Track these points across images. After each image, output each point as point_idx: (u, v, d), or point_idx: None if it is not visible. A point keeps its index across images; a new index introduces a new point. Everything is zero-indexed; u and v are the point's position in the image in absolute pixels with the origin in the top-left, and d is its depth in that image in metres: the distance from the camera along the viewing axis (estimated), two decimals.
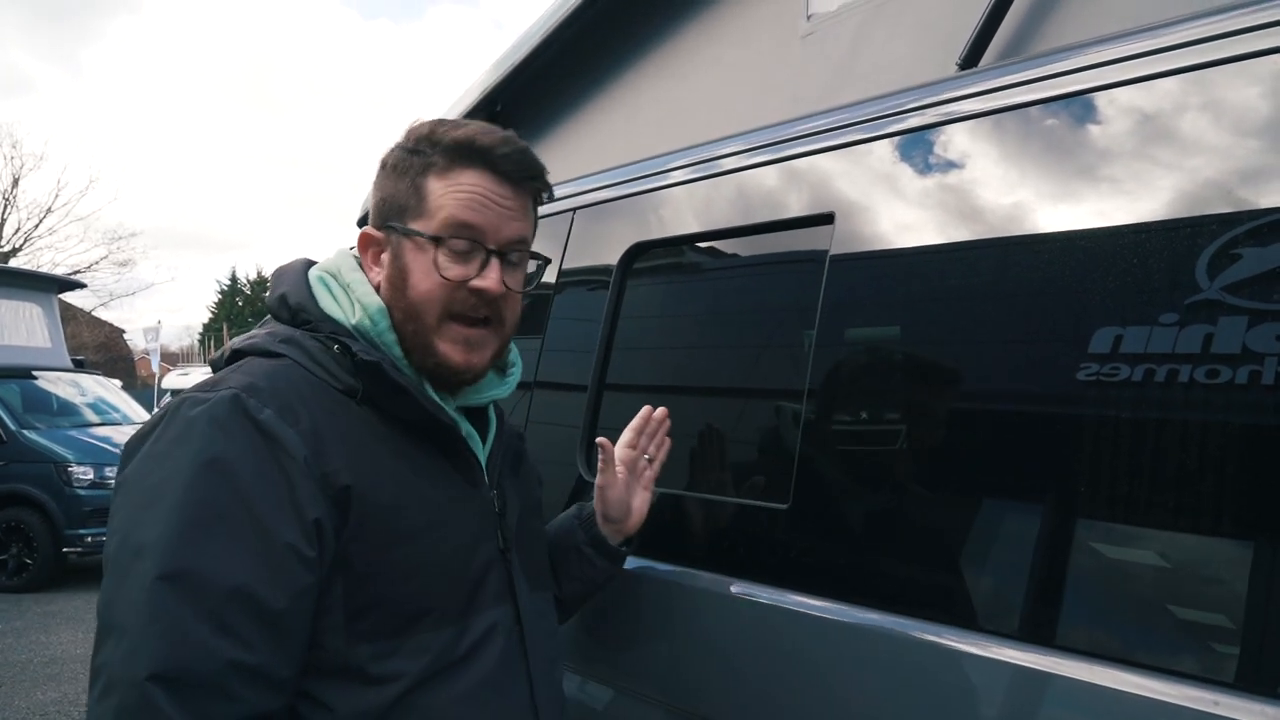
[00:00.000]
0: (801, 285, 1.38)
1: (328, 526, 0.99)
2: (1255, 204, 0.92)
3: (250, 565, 0.94)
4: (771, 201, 1.50)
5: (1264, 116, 0.94)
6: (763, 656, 1.30)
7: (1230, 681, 0.87)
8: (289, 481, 0.98)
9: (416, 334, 1.12)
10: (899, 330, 1.28)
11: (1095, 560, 1.00)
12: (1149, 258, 0.99)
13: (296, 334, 1.12)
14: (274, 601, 0.94)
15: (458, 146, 1.12)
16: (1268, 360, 0.88)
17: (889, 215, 1.29)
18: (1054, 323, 1.07)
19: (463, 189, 1.11)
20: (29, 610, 7.05)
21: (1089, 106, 1.10)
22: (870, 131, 1.35)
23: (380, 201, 1.16)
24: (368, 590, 1.02)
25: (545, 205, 1.25)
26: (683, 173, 1.68)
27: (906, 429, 1.22)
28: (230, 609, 0.92)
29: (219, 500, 0.95)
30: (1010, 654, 1.02)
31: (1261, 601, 0.86)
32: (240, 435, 0.98)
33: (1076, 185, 1.09)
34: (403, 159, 1.15)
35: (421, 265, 1.11)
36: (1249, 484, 0.90)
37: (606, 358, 1.75)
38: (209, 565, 0.93)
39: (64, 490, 7.81)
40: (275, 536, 0.96)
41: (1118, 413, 0.98)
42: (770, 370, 1.52)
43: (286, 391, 1.04)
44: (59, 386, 9.33)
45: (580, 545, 1.41)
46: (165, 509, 0.94)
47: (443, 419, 1.12)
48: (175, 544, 0.93)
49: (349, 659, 1.01)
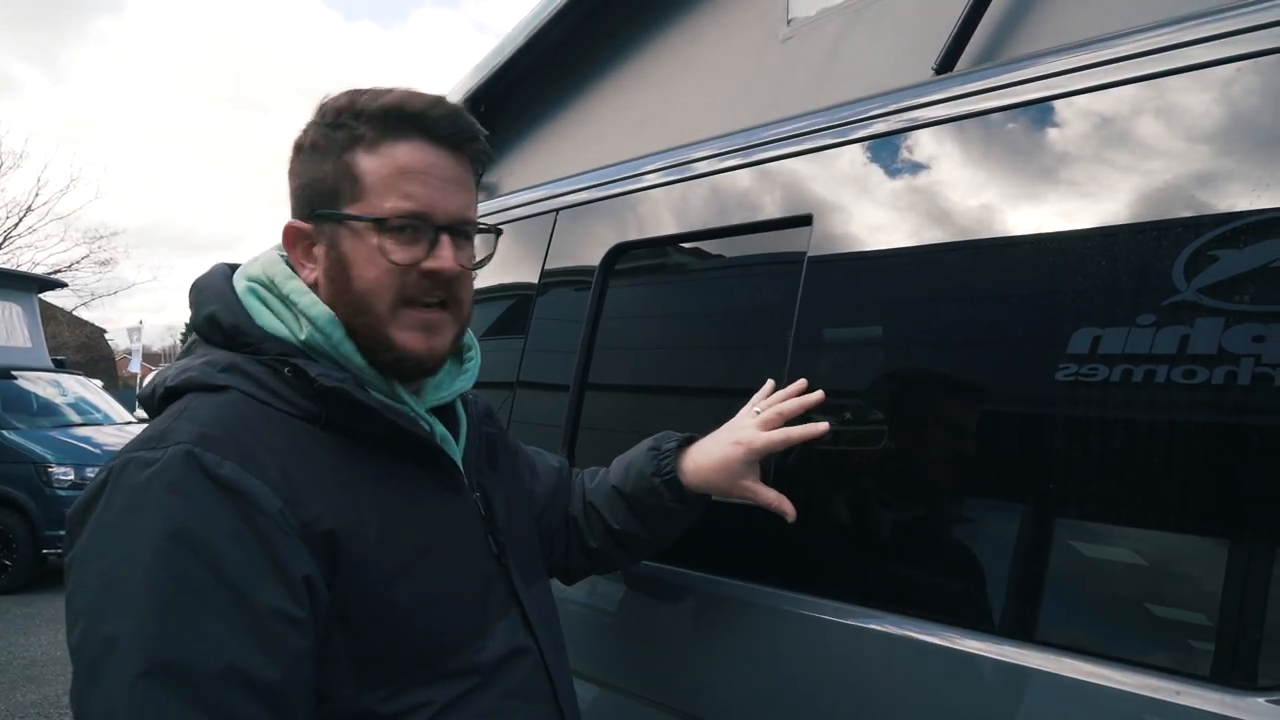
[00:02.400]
0: (780, 286, 1.40)
1: (317, 581, 0.90)
2: (1231, 207, 0.93)
3: (238, 641, 0.84)
4: (750, 203, 1.51)
5: (1240, 120, 0.95)
6: (731, 649, 1.31)
7: (1206, 675, 0.88)
8: (266, 541, 0.87)
9: (368, 327, 1.00)
10: (878, 331, 1.29)
11: (1073, 558, 1.02)
12: (1127, 260, 1.00)
13: (238, 359, 0.99)
14: (268, 673, 0.85)
15: (386, 114, 0.99)
16: (1243, 361, 0.89)
17: (866, 217, 1.31)
18: (1033, 324, 1.08)
19: (399, 162, 0.99)
20: (8, 612, 6.98)
21: (1064, 111, 1.11)
22: (848, 135, 1.36)
23: (302, 188, 1.03)
24: (372, 635, 0.94)
25: (531, 207, 1.21)
26: (664, 174, 1.69)
27: (884, 428, 1.24)
28: (223, 692, 0.83)
29: (191, 577, 0.84)
30: (995, 650, 1.03)
31: (1236, 597, 0.87)
32: (202, 498, 0.87)
33: (1054, 188, 1.10)
34: (324, 136, 1.01)
35: (364, 252, 0.99)
36: (1225, 483, 0.91)
37: (589, 358, 1.76)
38: (193, 651, 0.83)
39: (44, 491, 7.74)
40: (260, 605, 0.86)
41: (1096, 413, 0.99)
42: (750, 370, 1.54)
43: (243, 435, 0.92)
44: (39, 386, 9.25)
45: (666, 504, 1.28)
46: (132, 595, 0.83)
47: (418, 433, 1.03)
48: (152, 634, 0.82)
49: (361, 705, 0.93)
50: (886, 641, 1.13)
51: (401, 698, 0.95)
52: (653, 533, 1.33)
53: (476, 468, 1.16)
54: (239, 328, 1.01)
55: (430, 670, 0.97)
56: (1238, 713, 0.84)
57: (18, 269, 14.88)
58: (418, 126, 1.00)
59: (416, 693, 0.96)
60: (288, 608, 0.87)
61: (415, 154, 1.00)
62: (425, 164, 1.00)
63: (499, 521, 1.13)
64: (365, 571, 0.94)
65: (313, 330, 1.01)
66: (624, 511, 1.32)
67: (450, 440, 1.12)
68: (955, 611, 1.09)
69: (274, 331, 1.01)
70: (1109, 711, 0.92)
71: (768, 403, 1.28)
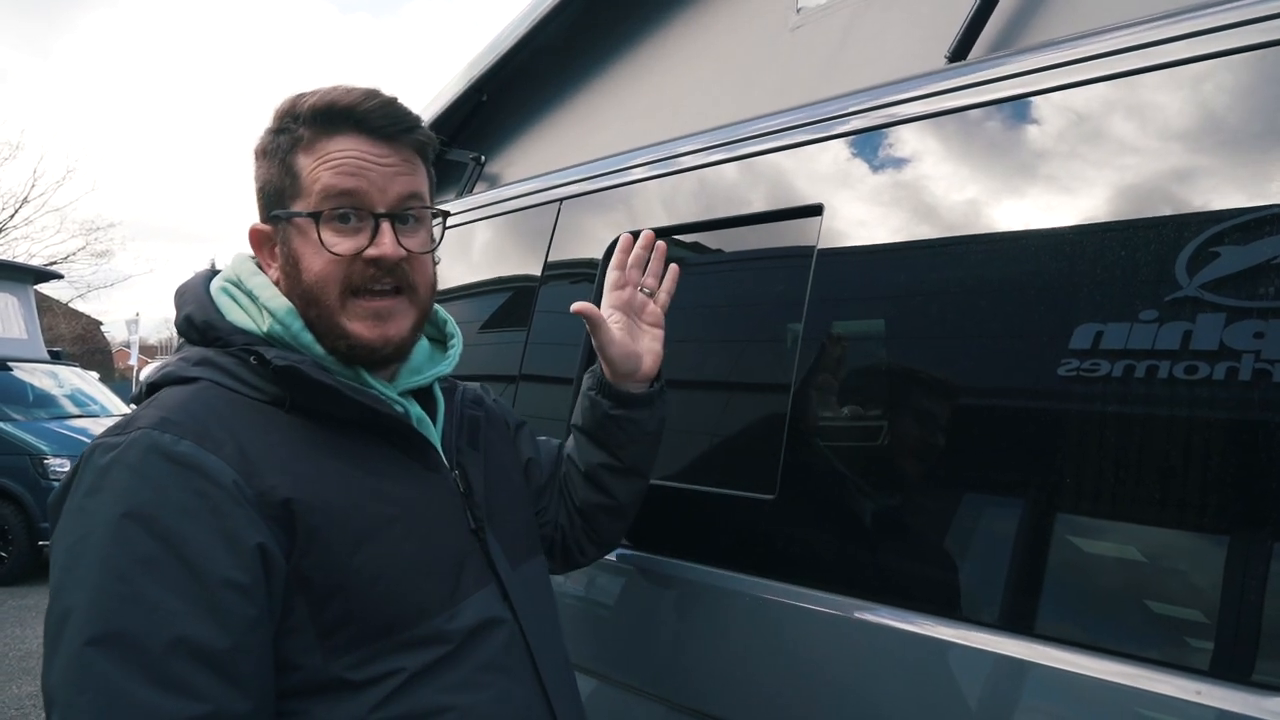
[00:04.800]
0: (789, 276, 1.38)
1: (272, 548, 0.93)
2: (1234, 203, 0.93)
3: (187, 612, 0.88)
4: (759, 193, 1.49)
5: (1249, 115, 0.95)
6: (738, 644, 1.30)
7: (1205, 669, 0.88)
8: (219, 512, 0.91)
9: (321, 319, 1.05)
10: (884, 323, 1.28)
11: (1073, 552, 1.01)
12: (1130, 255, 1.00)
13: (209, 353, 1.05)
14: (217, 642, 0.88)
15: (317, 114, 1.04)
16: (1245, 357, 0.89)
17: (877, 208, 1.29)
18: (1037, 319, 1.07)
19: (332, 156, 1.04)
20: (3, 604, 6.96)
21: (1076, 101, 1.10)
22: (858, 124, 1.34)
23: (259, 192, 1.09)
24: (335, 604, 0.97)
25: (534, 197, 1.21)
26: (670, 164, 1.67)
27: (892, 422, 1.22)
28: (171, 661, 0.86)
29: (143, 551, 0.89)
30: (995, 642, 1.03)
31: (1236, 593, 0.87)
32: (158, 476, 0.91)
33: (1064, 180, 1.09)
34: (270, 141, 1.07)
35: (310, 247, 1.04)
36: (1226, 478, 0.91)
37: (592, 350, 1.74)
38: (141, 622, 0.87)
39: (40, 483, 7.70)
40: (209, 576, 0.89)
41: (1098, 407, 0.99)
42: (757, 361, 1.52)
43: (204, 417, 0.97)
44: (36, 378, 9.21)
45: (608, 412, 1.31)
46: (86, 568, 0.88)
47: (381, 409, 1.05)
48: (101, 604, 0.87)
49: (329, 673, 0.96)
50: (884, 635, 1.12)
51: (370, 665, 0.97)
52: (619, 457, 1.34)
53: (456, 447, 1.18)
54: (210, 323, 1.07)
55: (396, 637, 0.99)
56: (1261, 712, 0.83)
57: (14, 260, 14.83)
58: (350, 120, 1.04)
59: (385, 660, 0.98)
60: (237, 577, 0.91)
61: (347, 145, 1.04)
62: (356, 154, 1.04)
63: (477, 497, 1.15)
64: (325, 539, 0.97)
65: (274, 322, 1.06)
66: (586, 445, 1.36)
67: (427, 421, 1.15)
68: (951, 603, 1.09)
69: (241, 325, 1.07)
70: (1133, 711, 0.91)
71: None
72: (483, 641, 1.06)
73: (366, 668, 0.97)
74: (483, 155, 2.54)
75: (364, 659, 0.97)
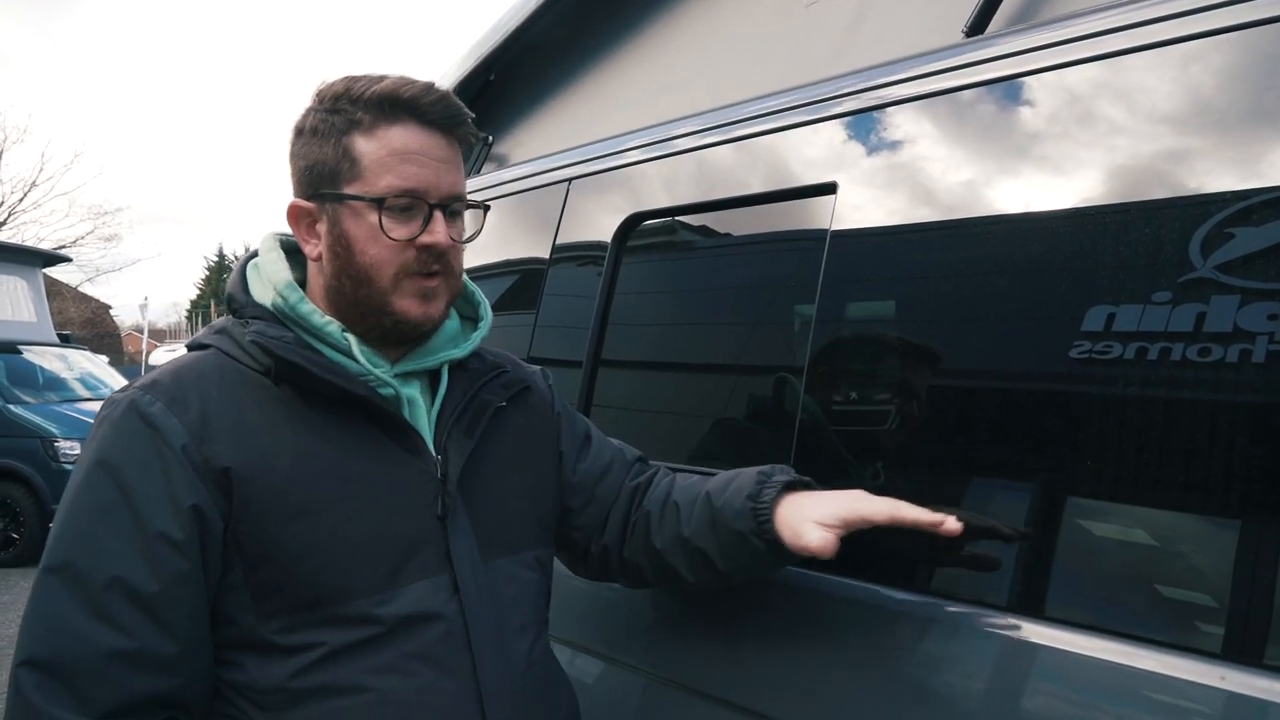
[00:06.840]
0: (802, 257, 1.36)
1: (209, 511, 1.01)
2: (1248, 184, 0.92)
3: (126, 555, 0.99)
4: (772, 171, 1.47)
5: (1263, 96, 0.93)
6: (751, 628, 1.29)
7: (1218, 652, 0.87)
8: (168, 472, 1.01)
9: (371, 298, 1.10)
10: (894, 305, 1.26)
11: (1085, 536, 1.01)
12: (1144, 236, 0.98)
13: (229, 324, 1.14)
14: (148, 586, 0.99)
15: (381, 100, 1.08)
16: (1259, 339, 0.88)
17: (892, 186, 1.27)
18: (1051, 300, 1.06)
19: (395, 145, 1.08)
20: (16, 585, 7.02)
21: (1092, 78, 1.07)
22: (874, 100, 1.32)
23: (305, 169, 1.11)
24: (263, 572, 1.03)
25: (543, 178, 1.20)
26: (680, 143, 1.65)
27: (905, 405, 1.21)
28: (108, 598, 0.98)
29: (104, 497, 1.01)
30: (992, 622, 1.02)
31: (1248, 575, 0.87)
32: (129, 432, 1.03)
33: (1079, 158, 1.07)
34: (323, 121, 1.10)
35: (365, 230, 1.08)
36: (1240, 461, 0.90)
37: (602, 333, 1.73)
38: (89, 559, 0.99)
39: (50, 465, 7.75)
40: (149, 526, 1.00)
41: (1111, 390, 0.98)
42: (769, 344, 1.50)
43: (188, 382, 1.06)
44: (46, 361, 9.24)
45: (754, 547, 1.17)
46: (63, 509, 1.03)
47: (350, 387, 1.07)
48: (63, 537, 1.01)
49: (260, 633, 1.04)
50: (891, 614, 1.11)
51: (296, 634, 1.03)
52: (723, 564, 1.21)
53: (449, 432, 1.16)
54: (233, 297, 1.16)
55: (322, 612, 1.04)
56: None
57: (23, 244, 14.86)
58: (411, 111, 1.09)
59: (309, 632, 1.03)
60: (172, 532, 1.00)
61: (409, 137, 1.09)
62: (419, 146, 1.09)
63: (450, 485, 1.12)
64: (259, 510, 1.03)
65: (275, 294, 1.12)
66: (705, 532, 1.21)
67: (417, 402, 1.16)
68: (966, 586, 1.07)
69: (258, 299, 1.14)
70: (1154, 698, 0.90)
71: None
72: (417, 630, 1.06)
73: (292, 635, 1.03)
74: (490, 136, 2.51)
75: (290, 626, 1.03)
